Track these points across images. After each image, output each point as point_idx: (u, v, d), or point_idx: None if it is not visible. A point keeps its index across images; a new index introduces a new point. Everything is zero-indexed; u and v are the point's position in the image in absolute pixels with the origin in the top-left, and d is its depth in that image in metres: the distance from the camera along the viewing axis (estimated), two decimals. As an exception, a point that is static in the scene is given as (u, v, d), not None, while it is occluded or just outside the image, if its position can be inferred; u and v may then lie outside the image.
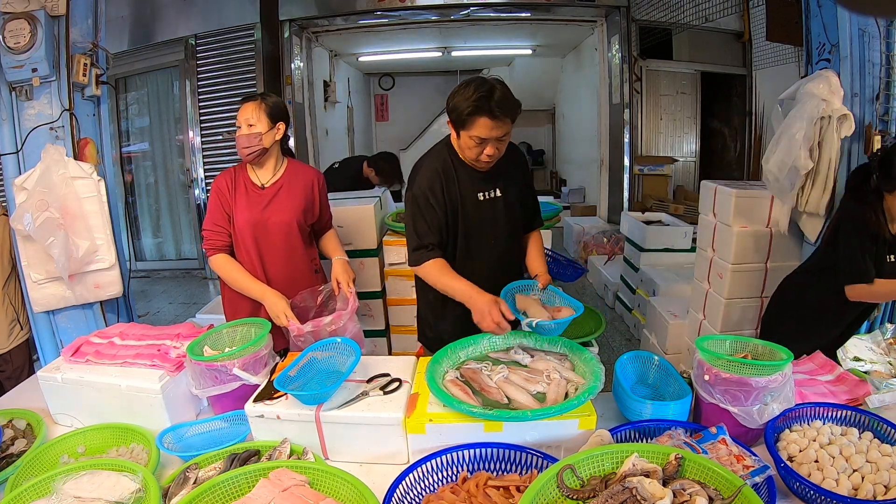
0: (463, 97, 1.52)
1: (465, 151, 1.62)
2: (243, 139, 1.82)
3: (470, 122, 1.52)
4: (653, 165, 5.80)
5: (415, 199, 1.65)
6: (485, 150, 1.57)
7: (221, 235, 1.89)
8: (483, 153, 1.58)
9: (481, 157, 1.59)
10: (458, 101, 1.53)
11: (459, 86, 1.56)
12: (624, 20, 5.46)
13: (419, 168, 1.70)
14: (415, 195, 1.65)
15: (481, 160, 1.61)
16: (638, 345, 3.80)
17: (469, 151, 1.60)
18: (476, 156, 1.60)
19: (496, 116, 1.50)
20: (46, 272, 2.18)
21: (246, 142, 1.82)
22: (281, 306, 1.79)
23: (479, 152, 1.58)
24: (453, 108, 1.55)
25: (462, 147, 1.62)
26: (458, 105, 1.53)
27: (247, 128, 1.82)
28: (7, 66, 2.09)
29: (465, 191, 1.67)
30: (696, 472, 1.00)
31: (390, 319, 2.93)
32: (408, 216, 1.69)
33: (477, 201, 1.69)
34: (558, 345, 1.54)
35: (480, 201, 1.70)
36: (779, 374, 1.27)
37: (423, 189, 1.64)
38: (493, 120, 1.51)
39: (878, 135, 2.26)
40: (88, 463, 1.18)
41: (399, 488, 1.14)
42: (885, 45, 2.25)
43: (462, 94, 1.53)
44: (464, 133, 1.56)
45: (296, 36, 5.70)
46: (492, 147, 1.57)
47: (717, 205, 2.79)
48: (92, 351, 1.55)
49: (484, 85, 1.51)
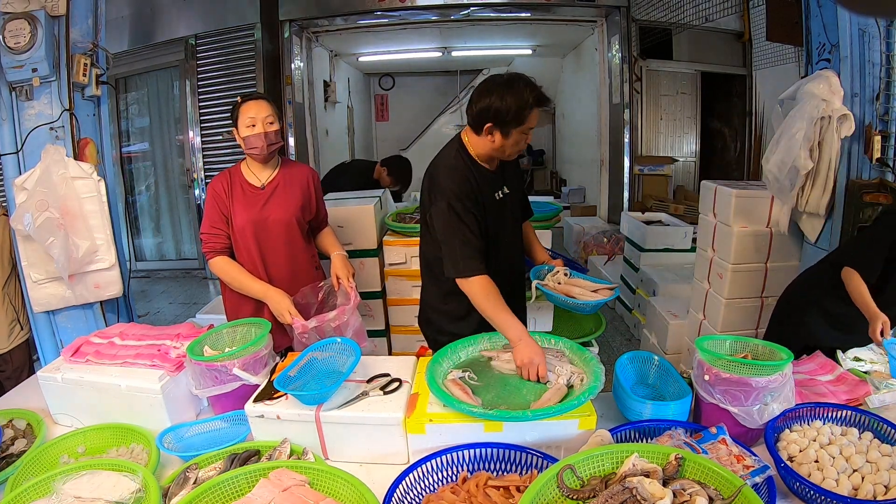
0: (517, 96, 1.53)
1: (510, 149, 1.63)
2: (268, 136, 1.85)
3: (529, 116, 1.57)
4: (653, 165, 5.80)
5: (453, 207, 1.60)
6: (525, 140, 1.64)
7: (220, 238, 1.89)
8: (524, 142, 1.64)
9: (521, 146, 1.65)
10: (513, 100, 1.53)
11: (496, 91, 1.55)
12: (624, 20, 5.45)
13: (441, 175, 1.66)
14: (451, 203, 1.60)
15: (519, 150, 1.66)
16: (638, 345, 3.80)
17: (515, 147, 1.64)
18: (520, 149, 1.65)
19: (548, 103, 1.61)
20: (46, 272, 2.18)
21: (272, 138, 1.86)
22: (285, 304, 1.79)
23: (523, 144, 1.64)
24: (507, 108, 1.53)
25: (506, 147, 1.62)
26: (516, 106, 1.53)
27: (269, 125, 1.85)
28: (7, 66, 2.09)
29: (486, 192, 1.69)
30: (696, 472, 1.00)
31: (390, 319, 2.93)
32: (452, 225, 1.61)
33: (495, 201, 1.73)
34: (558, 343, 1.54)
35: (497, 200, 1.73)
36: (779, 374, 1.27)
37: (460, 195, 1.61)
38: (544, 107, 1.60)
39: (878, 135, 2.26)
40: (88, 463, 1.18)
41: (399, 488, 1.14)
42: (885, 45, 2.25)
43: (514, 94, 1.53)
44: (517, 130, 1.58)
45: (296, 36, 5.70)
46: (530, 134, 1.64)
47: (717, 205, 2.79)
48: (92, 351, 1.56)
49: (523, 79, 1.57)
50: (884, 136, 2.27)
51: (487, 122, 1.58)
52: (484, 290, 1.58)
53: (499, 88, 1.55)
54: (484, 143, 1.63)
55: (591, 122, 6.65)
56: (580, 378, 1.38)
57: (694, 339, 2.17)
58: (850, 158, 2.32)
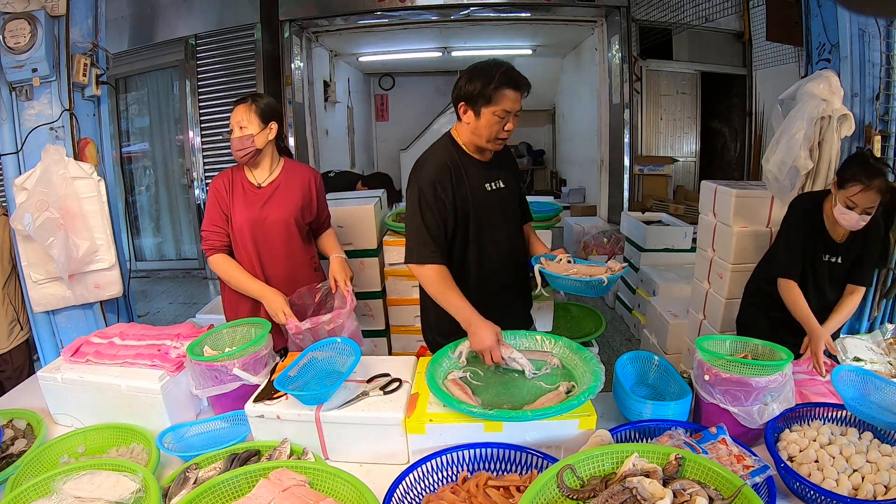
0: (485, 76, 1.55)
1: (483, 131, 1.62)
2: (236, 142, 1.84)
3: (497, 96, 1.55)
4: (653, 165, 5.80)
5: (421, 192, 1.63)
6: (504, 127, 1.61)
7: (220, 236, 1.90)
8: (503, 130, 1.61)
9: (500, 134, 1.62)
10: (479, 80, 1.56)
11: (470, 72, 1.60)
12: (624, 20, 5.45)
13: (423, 163, 1.69)
14: (421, 188, 1.63)
15: (500, 137, 1.63)
16: (638, 345, 3.80)
17: (489, 130, 1.61)
18: (496, 134, 1.62)
19: (520, 87, 1.57)
20: (46, 272, 2.18)
21: (239, 144, 1.83)
22: (279, 304, 1.79)
23: (499, 129, 1.61)
24: (474, 88, 1.57)
25: (479, 128, 1.62)
26: (482, 83, 1.55)
27: (239, 130, 1.83)
28: (7, 66, 2.09)
29: (473, 182, 1.69)
30: (696, 472, 1.00)
31: (390, 319, 2.93)
32: (412, 210, 1.65)
33: (485, 192, 1.72)
34: (557, 344, 1.54)
35: (488, 191, 1.72)
36: (779, 374, 1.27)
37: (432, 181, 1.63)
38: (517, 91, 1.56)
39: (877, 135, 2.26)
40: (88, 463, 1.18)
41: (399, 488, 1.14)
42: (885, 45, 2.25)
43: (482, 74, 1.56)
44: (487, 110, 1.58)
45: (296, 36, 5.69)
46: (510, 122, 1.61)
47: (717, 205, 2.79)
48: (92, 351, 1.56)
49: (500, 62, 1.58)
50: (884, 136, 2.27)
51: (461, 102, 1.62)
52: (439, 276, 1.60)
53: (471, 70, 1.60)
54: (463, 127, 1.66)
55: (590, 122, 6.65)
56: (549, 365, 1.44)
57: (694, 339, 2.17)
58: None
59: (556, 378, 1.42)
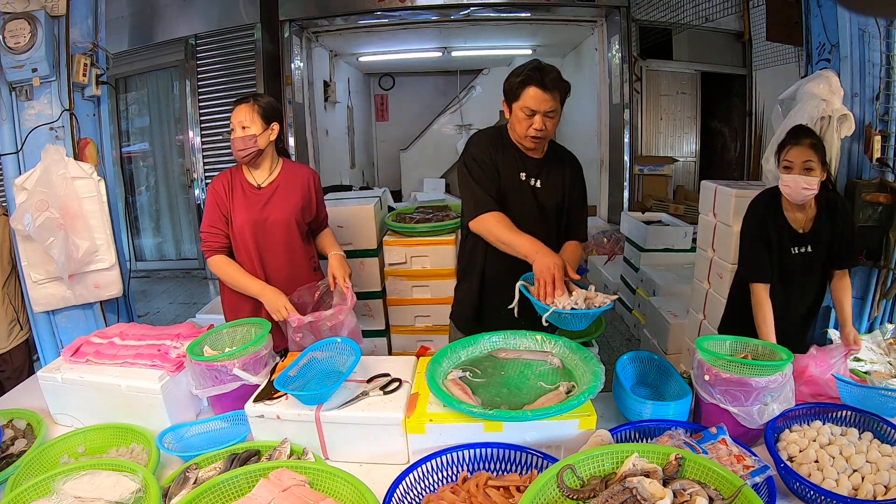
0: (516, 73, 1.64)
1: (516, 127, 1.68)
2: (238, 142, 1.83)
3: (521, 93, 1.62)
4: (653, 165, 5.80)
5: (473, 161, 1.72)
6: (533, 124, 1.63)
7: (219, 237, 1.90)
8: (531, 127, 1.64)
9: (529, 131, 1.65)
10: (511, 76, 1.65)
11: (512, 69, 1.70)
12: (624, 20, 5.45)
13: (473, 140, 1.80)
14: (473, 157, 1.72)
15: (529, 134, 1.66)
16: (638, 345, 3.80)
17: (519, 125, 1.67)
18: (525, 130, 1.66)
19: (545, 87, 1.60)
20: (46, 272, 2.18)
21: (241, 144, 1.83)
22: (281, 301, 1.80)
23: (528, 125, 1.64)
24: (508, 85, 1.66)
25: (513, 123, 1.70)
26: (511, 78, 1.64)
27: (241, 130, 1.83)
28: (7, 66, 2.09)
29: (510, 165, 1.73)
30: (696, 472, 1.00)
31: (390, 319, 2.93)
32: (465, 178, 1.73)
33: (518, 179, 1.75)
34: (556, 344, 1.54)
35: (521, 181, 1.75)
36: (779, 374, 1.27)
37: (481, 152, 1.73)
38: (543, 90, 1.59)
39: (877, 135, 2.26)
40: (88, 463, 1.18)
41: (399, 488, 1.14)
42: (885, 45, 2.25)
43: (515, 72, 1.65)
44: (515, 106, 1.65)
45: (296, 36, 5.70)
46: (540, 121, 1.63)
47: (717, 205, 2.79)
48: (92, 351, 1.56)
49: (536, 62, 1.65)
50: (884, 136, 2.27)
51: (504, 98, 1.70)
52: (494, 220, 1.65)
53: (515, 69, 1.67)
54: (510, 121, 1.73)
55: (591, 122, 6.65)
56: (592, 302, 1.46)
57: (694, 339, 2.17)
58: (850, 158, 2.32)
59: (556, 378, 1.42)
